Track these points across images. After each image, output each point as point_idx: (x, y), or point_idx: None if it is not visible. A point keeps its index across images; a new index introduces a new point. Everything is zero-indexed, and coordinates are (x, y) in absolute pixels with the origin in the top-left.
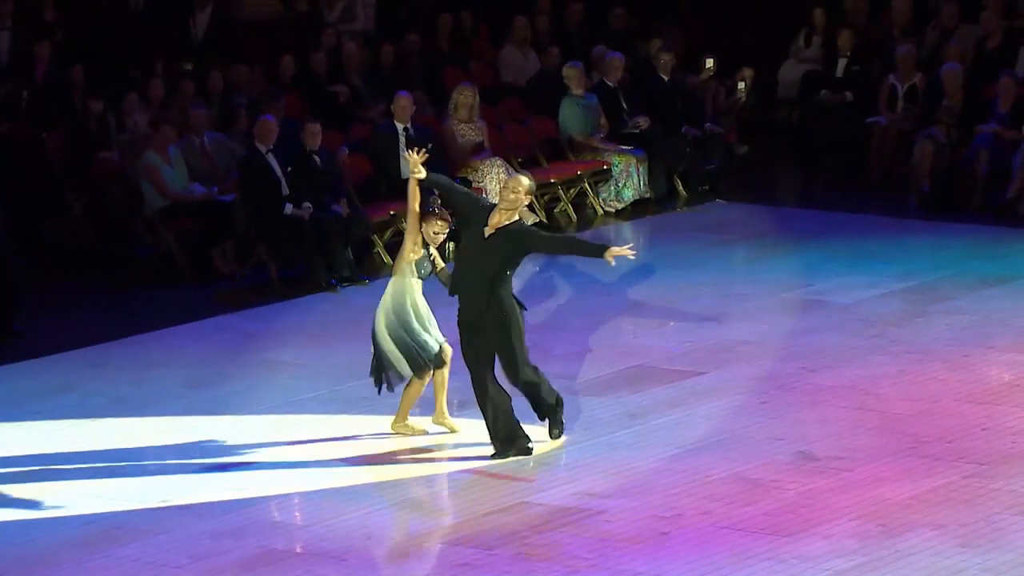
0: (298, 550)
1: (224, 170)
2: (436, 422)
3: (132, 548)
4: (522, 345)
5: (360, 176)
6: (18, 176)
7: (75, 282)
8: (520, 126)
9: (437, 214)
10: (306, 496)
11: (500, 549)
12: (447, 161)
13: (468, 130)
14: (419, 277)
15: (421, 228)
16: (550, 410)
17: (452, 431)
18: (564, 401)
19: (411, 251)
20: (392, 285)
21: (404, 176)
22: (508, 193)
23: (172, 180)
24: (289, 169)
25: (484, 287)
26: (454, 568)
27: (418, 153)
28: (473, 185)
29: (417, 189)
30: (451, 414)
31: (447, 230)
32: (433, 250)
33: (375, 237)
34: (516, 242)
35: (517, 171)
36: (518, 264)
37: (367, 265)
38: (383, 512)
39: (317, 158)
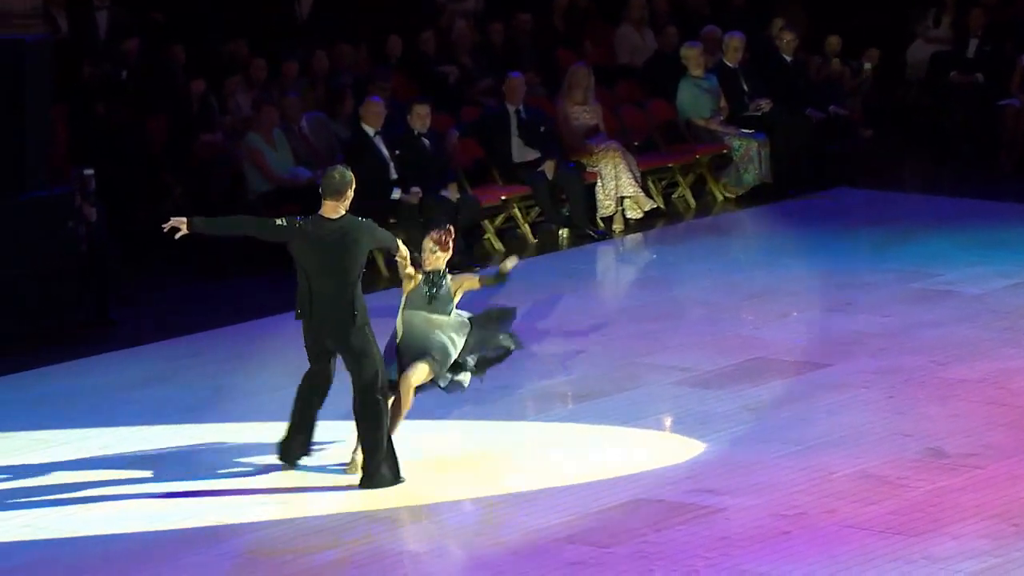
0: (409, 547)
1: (327, 152)
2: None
3: (229, 544)
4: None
5: (470, 159)
6: (116, 159)
7: (173, 269)
8: (636, 109)
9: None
10: (409, 490)
11: (616, 547)
12: (560, 144)
13: (582, 113)
14: (431, 297)
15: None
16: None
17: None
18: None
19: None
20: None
21: (517, 159)
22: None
23: (276, 163)
24: (397, 152)
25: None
26: (568, 566)
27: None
28: (587, 170)
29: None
30: (568, 405)
31: (435, 248)
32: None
33: (486, 222)
34: None
35: (634, 155)
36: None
37: (477, 252)
38: (493, 508)
39: (426, 141)
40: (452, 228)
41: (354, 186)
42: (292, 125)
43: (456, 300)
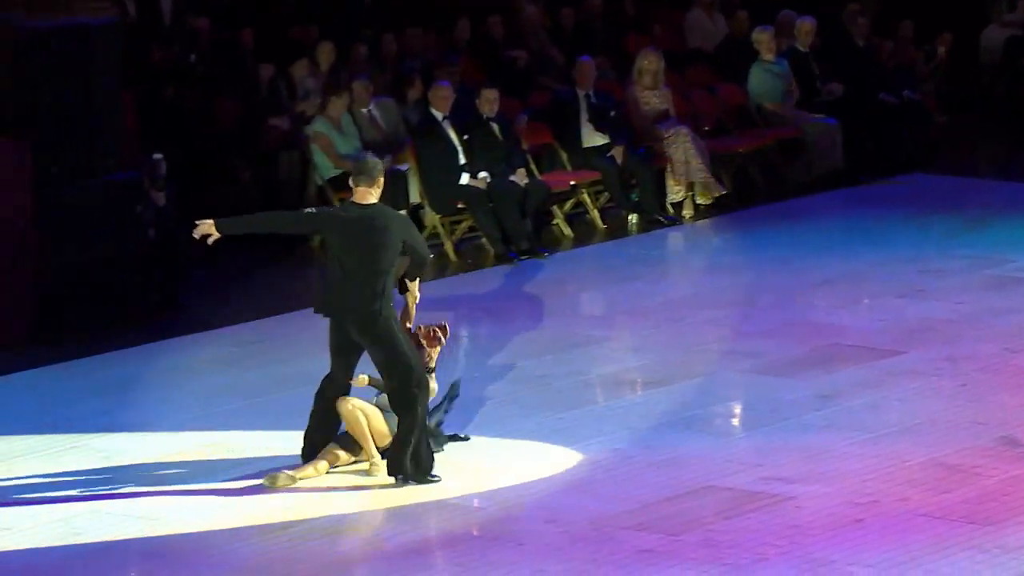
0: (475, 533)
1: (395, 137)
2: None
3: (294, 530)
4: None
5: (539, 144)
6: (185, 144)
7: (241, 253)
8: (707, 93)
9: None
10: (480, 477)
11: (685, 535)
12: (630, 129)
13: (652, 97)
14: None
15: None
16: None
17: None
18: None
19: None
20: None
21: (586, 144)
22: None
23: (343, 148)
24: (465, 137)
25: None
26: (638, 554)
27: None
28: (657, 155)
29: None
30: (638, 391)
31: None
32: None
33: (554, 208)
34: None
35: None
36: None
37: (546, 237)
38: (563, 495)
39: (494, 125)
40: (445, 326)
41: (384, 174)
42: (361, 109)
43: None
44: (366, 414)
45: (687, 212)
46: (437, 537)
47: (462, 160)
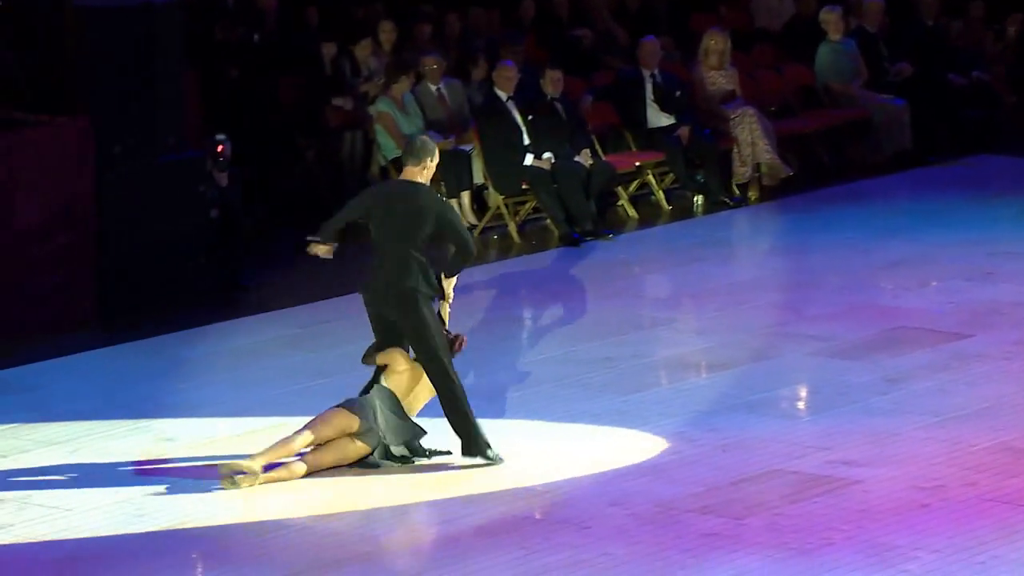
0: (537, 516)
1: (460, 118)
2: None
3: (356, 513)
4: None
5: (604, 125)
6: (248, 123)
7: (305, 233)
8: (774, 73)
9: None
10: (544, 460)
11: (750, 519)
12: (695, 110)
13: (718, 77)
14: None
15: None
16: None
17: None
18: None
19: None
20: None
21: (651, 125)
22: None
23: (407, 128)
24: (530, 117)
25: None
26: (703, 537)
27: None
28: (723, 136)
29: None
30: (702, 374)
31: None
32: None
33: (619, 189)
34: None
35: (770, 120)
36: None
37: (610, 218)
38: (627, 478)
39: (559, 106)
40: (463, 339)
41: (436, 159)
42: (431, 85)
43: None
44: (343, 431)
45: (753, 193)
46: (501, 520)
47: (526, 141)
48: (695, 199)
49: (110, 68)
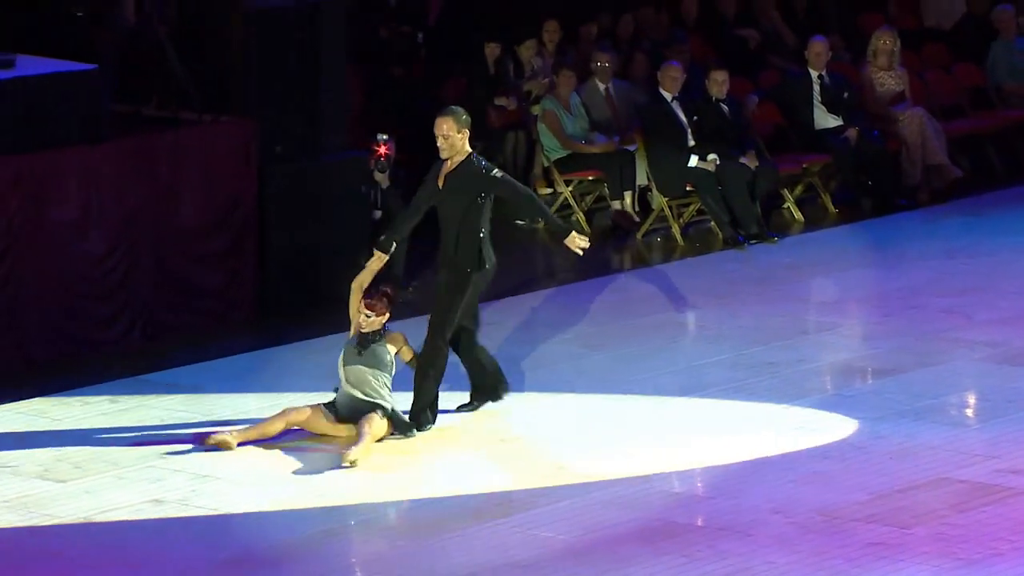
0: (699, 523)
1: (626, 119)
2: None
3: (518, 518)
4: (459, 304)
5: (770, 126)
6: (412, 123)
7: None
8: (944, 74)
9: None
10: (705, 465)
11: (917, 528)
12: (864, 111)
13: (888, 78)
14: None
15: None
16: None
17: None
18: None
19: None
20: None
21: (818, 126)
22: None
23: (572, 128)
24: (695, 118)
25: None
26: (867, 546)
27: None
28: (892, 138)
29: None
30: (868, 380)
31: (370, 314)
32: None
33: (784, 191)
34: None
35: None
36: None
37: (776, 221)
38: (791, 485)
39: (724, 107)
40: (389, 292)
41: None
42: (600, 84)
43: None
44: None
45: (922, 196)
46: (662, 527)
47: (691, 142)
48: (863, 202)
49: (274, 68)
